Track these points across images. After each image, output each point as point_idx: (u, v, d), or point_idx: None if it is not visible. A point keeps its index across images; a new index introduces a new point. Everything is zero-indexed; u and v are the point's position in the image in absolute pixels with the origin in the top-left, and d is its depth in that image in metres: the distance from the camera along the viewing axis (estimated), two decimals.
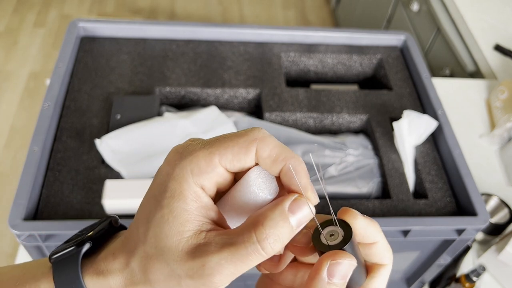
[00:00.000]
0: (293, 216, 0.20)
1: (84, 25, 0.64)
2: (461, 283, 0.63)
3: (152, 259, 0.21)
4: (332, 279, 0.20)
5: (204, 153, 0.21)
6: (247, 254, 0.20)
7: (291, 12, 2.22)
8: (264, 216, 0.20)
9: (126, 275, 0.22)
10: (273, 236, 0.20)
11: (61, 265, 0.22)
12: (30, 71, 1.81)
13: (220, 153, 0.21)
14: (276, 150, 0.21)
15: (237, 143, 0.21)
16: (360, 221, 0.22)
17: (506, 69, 0.98)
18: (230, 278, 0.20)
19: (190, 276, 0.20)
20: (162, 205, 0.21)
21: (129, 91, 0.60)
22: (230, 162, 0.21)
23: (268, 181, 0.22)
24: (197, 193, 0.21)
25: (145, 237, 0.21)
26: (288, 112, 0.60)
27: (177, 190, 0.20)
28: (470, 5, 1.11)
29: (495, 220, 0.70)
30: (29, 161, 0.48)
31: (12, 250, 1.34)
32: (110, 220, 0.25)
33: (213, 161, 0.21)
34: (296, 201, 0.20)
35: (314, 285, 0.21)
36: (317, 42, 0.70)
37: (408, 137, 0.57)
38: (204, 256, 0.20)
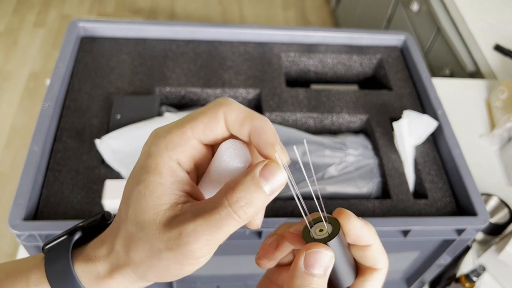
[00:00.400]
0: (265, 181, 0.20)
1: (84, 25, 0.64)
2: (461, 283, 0.63)
3: (134, 237, 0.21)
4: (310, 269, 0.21)
5: (176, 128, 0.22)
6: (221, 218, 0.20)
7: (291, 12, 2.22)
8: (236, 181, 0.21)
9: (111, 260, 0.22)
10: (244, 199, 0.20)
11: (53, 254, 0.23)
12: (30, 71, 1.81)
13: (191, 125, 0.22)
14: (242, 114, 0.22)
15: (205, 114, 0.22)
16: (354, 222, 0.23)
17: (506, 69, 0.99)
18: (208, 247, 0.20)
19: (169, 248, 0.20)
20: (139, 181, 0.21)
21: (129, 91, 0.60)
22: (202, 133, 0.22)
23: (239, 150, 0.22)
24: (172, 168, 0.21)
25: (126, 215, 0.22)
26: (288, 112, 0.60)
27: (153, 166, 0.21)
28: (470, 5, 1.11)
29: (495, 220, 0.70)
30: (29, 161, 0.48)
31: (12, 250, 1.34)
32: (102, 213, 0.25)
33: (185, 134, 0.22)
34: (267, 165, 0.21)
35: (293, 275, 0.21)
36: (317, 42, 0.70)
37: (408, 137, 0.57)
38: (180, 225, 0.20)
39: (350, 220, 0.23)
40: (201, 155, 0.22)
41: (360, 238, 0.23)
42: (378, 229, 0.49)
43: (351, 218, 0.23)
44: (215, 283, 0.60)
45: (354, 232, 0.23)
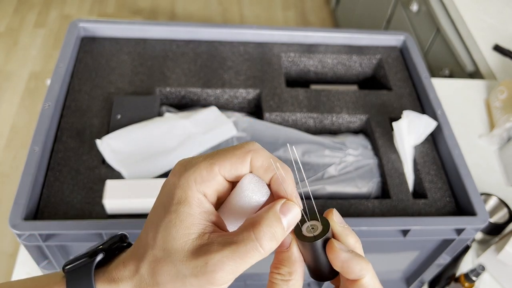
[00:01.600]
0: (284, 217, 0.23)
1: (85, 26, 0.64)
2: (461, 282, 0.63)
3: (160, 262, 0.22)
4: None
5: (206, 164, 0.24)
6: (246, 251, 0.22)
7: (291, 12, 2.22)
8: (261, 217, 0.23)
9: (135, 282, 0.23)
10: (269, 234, 0.22)
11: (75, 274, 0.24)
12: (31, 71, 1.81)
13: (220, 163, 0.24)
14: (267, 160, 0.24)
15: (234, 154, 0.24)
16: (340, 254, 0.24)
17: (505, 69, 0.99)
18: (231, 276, 0.22)
19: (194, 274, 0.22)
20: (170, 211, 0.23)
21: (129, 91, 0.60)
22: (228, 171, 0.24)
23: (259, 185, 0.24)
24: (200, 200, 0.23)
25: (154, 241, 0.23)
26: (288, 112, 0.60)
27: (183, 197, 0.23)
28: (469, 5, 1.11)
29: (494, 220, 0.70)
30: (29, 161, 0.48)
31: (12, 250, 1.34)
32: (120, 235, 0.27)
33: (213, 170, 0.24)
34: (286, 204, 0.23)
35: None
36: (317, 42, 0.70)
37: (407, 137, 0.57)
38: (207, 254, 0.22)
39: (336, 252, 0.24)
40: (224, 189, 0.25)
41: (346, 271, 0.24)
42: (377, 228, 0.49)
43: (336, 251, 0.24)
44: None
45: (338, 264, 0.24)
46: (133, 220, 0.47)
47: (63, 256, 0.51)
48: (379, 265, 0.61)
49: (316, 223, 0.24)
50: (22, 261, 0.63)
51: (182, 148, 0.54)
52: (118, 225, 0.46)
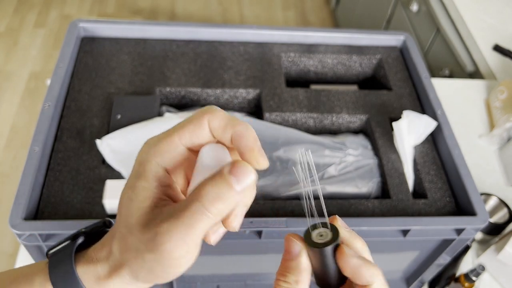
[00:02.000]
0: (235, 178, 0.21)
1: (85, 26, 0.64)
2: (461, 282, 0.63)
3: (125, 238, 0.22)
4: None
5: (165, 136, 0.24)
6: (191, 215, 0.21)
7: (291, 12, 2.22)
8: (206, 179, 0.22)
9: (110, 262, 0.23)
10: (212, 194, 0.21)
11: (57, 257, 0.24)
12: (31, 71, 1.81)
13: (179, 133, 0.23)
14: (224, 120, 0.23)
15: (191, 121, 0.23)
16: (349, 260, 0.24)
17: (505, 69, 0.99)
18: (184, 247, 0.21)
19: (149, 249, 0.21)
20: (129, 186, 0.23)
21: (129, 91, 0.60)
22: (189, 140, 0.23)
23: (217, 152, 0.23)
24: (158, 173, 0.23)
25: (119, 218, 0.23)
26: (288, 112, 0.60)
27: (140, 171, 0.23)
28: (469, 5, 1.11)
29: (494, 220, 0.70)
30: (29, 161, 0.48)
31: (12, 250, 1.34)
32: (104, 221, 0.26)
33: (173, 141, 0.23)
34: (236, 164, 0.22)
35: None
36: (317, 42, 0.70)
37: (407, 137, 0.57)
38: (156, 226, 0.21)
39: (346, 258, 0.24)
40: (189, 161, 0.24)
41: (356, 276, 0.24)
42: (377, 228, 0.49)
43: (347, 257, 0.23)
44: (215, 282, 0.60)
45: (349, 270, 0.23)
46: None
47: None
48: (379, 265, 0.61)
49: (324, 230, 0.24)
50: (22, 261, 0.63)
51: None
52: None
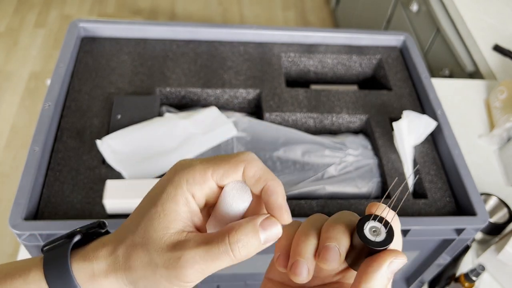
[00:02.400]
0: (263, 231, 0.23)
1: (85, 26, 0.64)
2: (461, 282, 0.63)
3: (137, 247, 0.23)
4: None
5: (200, 167, 0.25)
6: (219, 253, 0.23)
7: (291, 12, 2.22)
8: (239, 224, 0.24)
9: (109, 261, 0.24)
10: (242, 242, 0.23)
11: (52, 254, 0.25)
12: (31, 71, 1.81)
13: (214, 169, 0.25)
14: (260, 171, 0.25)
15: (228, 162, 0.25)
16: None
17: (505, 69, 0.99)
18: (199, 275, 0.23)
19: (166, 266, 0.23)
20: (156, 203, 0.24)
21: (129, 91, 0.60)
22: (220, 177, 0.25)
23: (241, 192, 0.25)
24: (188, 199, 0.24)
25: (136, 228, 0.24)
26: (288, 112, 0.60)
27: (172, 193, 0.24)
28: (469, 6, 1.11)
29: (494, 220, 0.70)
30: (29, 161, 0.48)
31: (13, 250, 1.34)
32: (99, 222, 0.27)
33: (206, 174, 0.25)
34: (268, 219, 0.24)
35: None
36: (317, 42, 0.70)
37: (407, 137, 0.57)
38: (182, 250, 0.23)
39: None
40: (214, 195, 0.25)
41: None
42: None
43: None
44: (215, 282, 0.60)
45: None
46: None
47: None
48: None
49: (378, 226, 0.23)
50: None
51: (182, 149, 0.54)
52: (118, 225, 0.46)
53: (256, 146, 0.57)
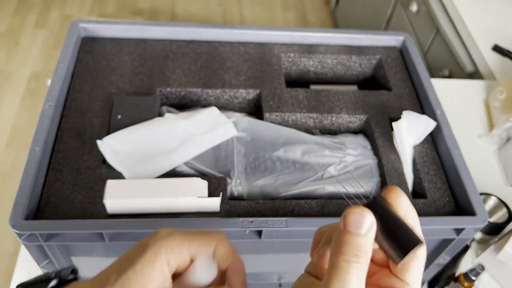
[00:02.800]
0: None
1: (85, 26, 0.64)
2: (460, 282, 0.63)
3: None
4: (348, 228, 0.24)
5: (179, 238, 0.28)
6: None
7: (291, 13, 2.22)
8: None
9: None
10: None
11: None
12: (31, 71, 1.81)
13: (190, 242, 0.28)
14: (228, 251, 0.29)
15: (202, 238, 0.29)
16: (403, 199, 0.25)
17: (505, 70, 0.99)
18: None
19: None
20: (136, 264, 0.27)
21: (130, 92, 0.60)
22: (194, 251, 0.29)
23: (209, 267, 0.29)
24: (163, 266, 0.27)
25: (114, 282, 0.27)
26: (288, 112, 0.61)
27: (151, 259, 0.27)
28: (469, 6, 1.11)
29: (493, 219, 0.70)
30: (30, 161, 0.49)
31: (13, 250, 1.34)
32: (72, 268, 0.30)
33: (183, 246, 0.28)
34: None
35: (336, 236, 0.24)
36: (317, 42, 0.70)
37: (407, 137, 0.57)
38: None
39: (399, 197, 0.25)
40: (184, 264, 0.29)
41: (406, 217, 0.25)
42: None
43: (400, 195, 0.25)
44: None
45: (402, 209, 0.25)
46: (134, 220, 0.47)
47: (64, 256, 0.52)
48: None
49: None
50: (23, 260, 0.63)
51: (182, 149, 0.54)
52: (118, 225, 0.46)
53: (256, 146, 0.57)
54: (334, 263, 0.23)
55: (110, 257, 0.54)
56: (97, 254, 0.53)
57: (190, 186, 0.48)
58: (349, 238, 0.23)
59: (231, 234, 0.48)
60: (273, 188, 0.54)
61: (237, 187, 0.53)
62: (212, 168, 0.54)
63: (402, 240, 0.23)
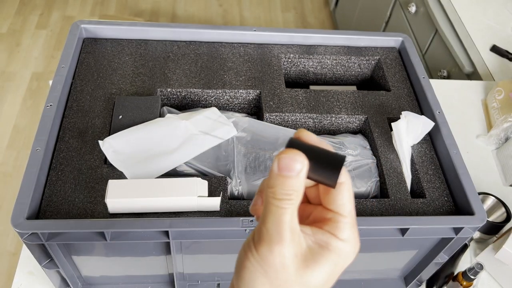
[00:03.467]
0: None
1: (86, 27, 0.65)
2: (459, 281, 0.63)
3: None
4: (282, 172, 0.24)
5: None
6: None
7: (291, 14, 2.23)
8: None
9: None
10: None
11: None
12: (33, 72, 1.82)
13: None
14: None
15: None
16: (313, 136, 0.26)
17: (503, 70, 0.99)
18: None
19: None
20: None
21: (131, 92, 0.60)
22: None
23: None
24: None
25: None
26: (287, 112, 0.61)
27: None
28: (467, 7, 1.12)
29: (492, 219, 0.70)
30: (32, 160, 0.49)
31: (15, 249, 1.35)
32: None
33: None
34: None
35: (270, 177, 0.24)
36: (316, 43, 0.71)
37: (406, 137, 0.58)
38: None
39: (306, 133, 0.26)
40: None
41: (322, 145, 0.25)
42: (376, 228, 0.50)
43: (308, 133, 0.26)
44: (216, 280, 0.61)
45: (315, 142, 0.25)
46: (135, 219, 0.47)
47: (65, 255, 0.52)
48: (378, 264, 0.62)
49: None
50: (25, 260, 0.64)
51: (183, 149, 0.55)
52: (120, 224, 0.46)
53: (256, 146, 0.57)
54: (268, 202, 0.24)
55: (111, 256, 0.54)
56: (98, 253, 0.53)
57: (190, 185, 0.49)
58: (282, 181, 0.23)
59: (231, 233, 0.49)
60: None
61: (237, 187, 0.54)
62: (213, 168, 0.55)
63: (330, 163, 0.24)
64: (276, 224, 0.23)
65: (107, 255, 0.54)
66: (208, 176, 0.53)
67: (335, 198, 0.25)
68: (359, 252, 0.26)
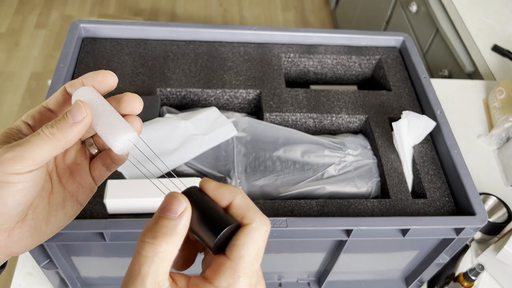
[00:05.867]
0: (69, 113, 0.26)
1: (86, 26, 0.65)
2: (460, 282, 0.63)
3: None
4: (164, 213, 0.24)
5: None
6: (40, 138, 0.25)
7: (291, 13, 2.22)
8: None
9: None
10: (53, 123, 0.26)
11: None
12: (32, 71, 1.81)
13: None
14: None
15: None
16: (209, 182, 0.25)
17: (504, 70, 0.99)
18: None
19: None
20: None
21: (130, 92, 0.60)
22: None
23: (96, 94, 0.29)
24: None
25: None
26: (288, 112, 0.61)
27: None
28: (468, 6, 1.12)
29: (493, 219, 0.70)
30: None
31: None
32: None
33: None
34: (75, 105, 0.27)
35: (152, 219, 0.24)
36: (317, 43, 0.70)
37: (407, 137, 0.57)
38: None
39: (206, 181, 0.26)
40: None
41: (218, 197, 0.25)
42: (377, 228, 0.50)
43: (207, 180, 0.26)
44: None
45: (210, 191, 0.25)
46: (134, 220, 0.47)
47: (64, 255, 0.52)
48: (379, 264, 0.61)
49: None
50: (23, 260, 0.63)
51: (182, 149, 0.54)
52: (118, 224, 0.46)
53: (256, 146, 0.57)
54: (142, 245, 0.23)
55: (110, 256, 0.54)
56: (97, 254, 0.53)
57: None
58: (162, 221, 0.23)
59: None
60: (273, 188, 0.54)
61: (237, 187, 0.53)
62: (212, 168, 0.54)
63: (215, 223, 0.24)
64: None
65: (106, 255, 0.53)
66: (208, 176, 0.53)
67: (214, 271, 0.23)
68: (360, 253, 0.25)
